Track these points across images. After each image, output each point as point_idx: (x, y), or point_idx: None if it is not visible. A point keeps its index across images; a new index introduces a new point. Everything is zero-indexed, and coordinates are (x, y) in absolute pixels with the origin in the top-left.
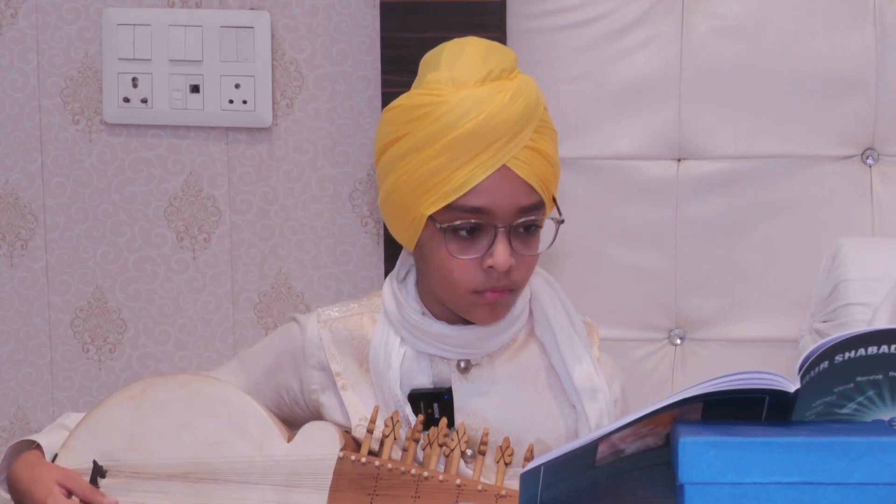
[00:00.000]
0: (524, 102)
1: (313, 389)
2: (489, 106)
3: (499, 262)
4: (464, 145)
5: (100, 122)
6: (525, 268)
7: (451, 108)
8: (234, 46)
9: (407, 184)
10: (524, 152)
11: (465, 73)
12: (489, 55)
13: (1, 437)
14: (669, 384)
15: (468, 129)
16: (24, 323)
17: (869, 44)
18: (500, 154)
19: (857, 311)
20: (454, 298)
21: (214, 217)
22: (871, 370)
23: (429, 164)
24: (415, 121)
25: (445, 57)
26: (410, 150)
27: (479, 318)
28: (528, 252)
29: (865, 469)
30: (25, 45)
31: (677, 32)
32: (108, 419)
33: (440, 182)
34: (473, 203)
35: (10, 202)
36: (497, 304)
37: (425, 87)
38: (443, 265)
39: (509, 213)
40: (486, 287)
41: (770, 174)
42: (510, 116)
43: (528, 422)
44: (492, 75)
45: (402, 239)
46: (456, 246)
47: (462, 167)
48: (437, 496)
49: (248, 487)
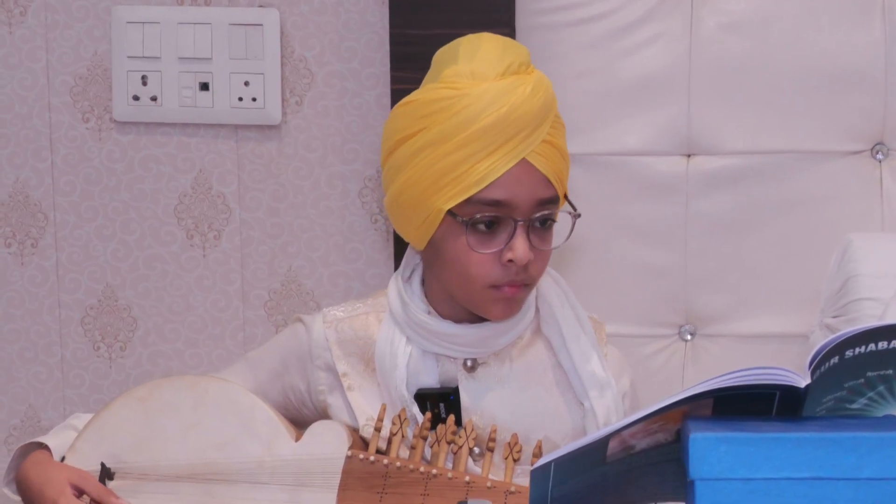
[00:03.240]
0: (544, 95)
1: (320, 390)
2: (512, 98)
3: (519, 255)
4: (485, 138)
5: (109, 120)
6: (541, 262)
7: (473, 100)
8: (244, 44)
9: (423, 179)
10: (542, 146)
11: (484, 66)
12: (506, 49)
13: (12, 435)
14: (680, 380)
15: (490, 121)
16: (35, 321)
17: (877, 39)
18: (520, 147)
19: (867, 306)
20: (469, 294)
21: (224, 215)
22: (882, 365)
23: (448, 158)
24: (433, 115)
25: (463, 51)
26: (428, 145)
27: (495, 313)
28: (544, 247)
29: (876, 464)
30: (35, 44)
31: (685, 29)
32: (115, 421)
33: (460, 176)
34: (494, 196)
35: (21, 200)
36: (513, 299)
37: (443, 81)
38: (460, 260)
39: (529, 207)
40: (504, 281)
41: (779, 170)
42: (531, 109)
43: (536, 420)
44: (511, 69)
45: (413, 237)
46: (475, 240)
47: (483, 160)
48: (447, 493)
49: (258, 487)
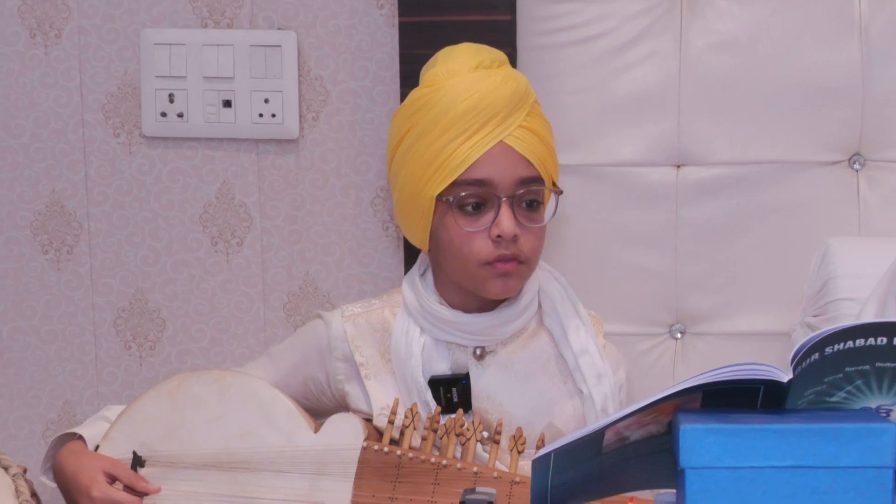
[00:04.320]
0: (514, 85)
1: (339, 379)
2: (482, 86)
3: (504, 228)
4: (462, 123)
5: (139, 136)
6: (532, 239)
7: (448, 91)
8: (264, 64)
9: (416, 170)
10: (519, 130)
11: (457, 64)
12: (479, 50)
13: (49, 428)
14: (671, 376)
15: (465, 107)
16: (71, 323)
17: (855, 57)
18: (497, 130)
19: (845, 305)
20: (468, 274)
21: (246, 223)
22: (860, 361)
23: (433, 146)
24: (417, 112)
25: (440, 57)
26: (416, 139)
27: (493, 290)
28: (532, 224)
29: (854, 454)
30: (69, 64)
31: (675, 48)
32: (146, 412)
33: (445, 161)
34: (476, 176)
35: (57, 210)
36: (507, 275)
37: (423, 83)
38: (454, 242)
39: (510, 184)
40: (496, 257)
41: (763, 179)
42: (502, 96)
43: (540, 405)
44: (483, 65)
45: (417, 237)
46: (465, 220)
47: (463, 144)
48: (455, 483)
49: (279, 475)
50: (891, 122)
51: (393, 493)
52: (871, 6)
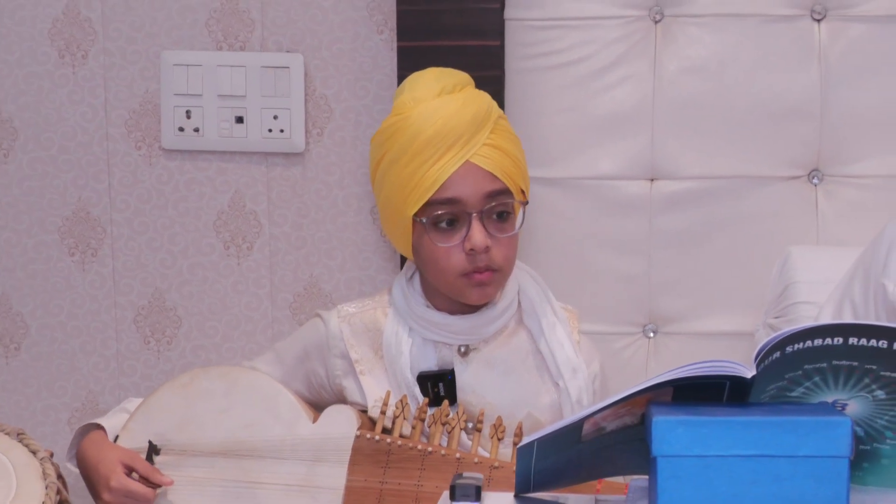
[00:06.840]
0: (474, 108)
1: (336, 374)
2: (444, 112)
3: (476, 242)
4: (430, 148)
5: (158, 149)
6: (504, 249)
7: (414, 119)
8: (273, 83)
9: (393, 192)
10: (484, 149)
11: (422, 91)
12: (441, 76)
13: (74, 416)
14: (644, 371)
15: (430, 133)
16: (94, 320)
17: (815, 80)
18: (462, 152)
19: (804, 308)
20: (448, 284)
21: (256, 229)
22: (817, 359)
23: (406, 170)
24: (389, 139)
25: (408, 84)
26: (391, 163)
27: (472, 298)
28: (503, 234)
29: (813, 444)
30: (94, 83)
31: (650, 72)
32: (161, 405)
33: (417, 183)
34: (446, 195)
35: (82, 216)
36: (483, 283)
37: (393, 111)
38: (432, 257)
39: (478, 200)
40: (471, 269)
41: (730, 192)
42: (463, 119)
43: (520, 397)
44: (445, 90)
45: (401, 247)
46: (439, 237)
47: (432, 166)
48: (440, 467)
49: (280, 462)
50: (847, 140)
51: (383, 477)
52: (830, 34)
